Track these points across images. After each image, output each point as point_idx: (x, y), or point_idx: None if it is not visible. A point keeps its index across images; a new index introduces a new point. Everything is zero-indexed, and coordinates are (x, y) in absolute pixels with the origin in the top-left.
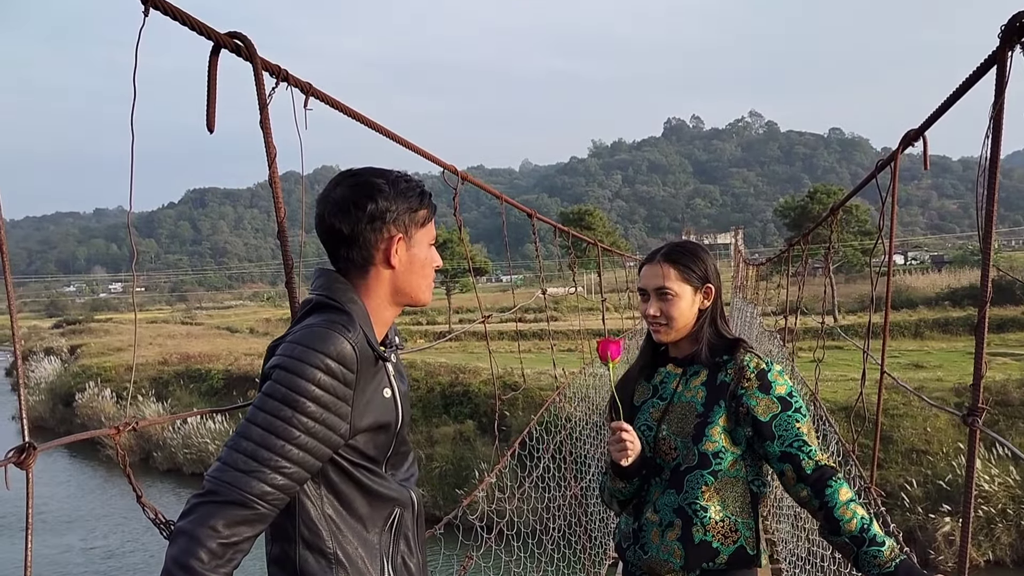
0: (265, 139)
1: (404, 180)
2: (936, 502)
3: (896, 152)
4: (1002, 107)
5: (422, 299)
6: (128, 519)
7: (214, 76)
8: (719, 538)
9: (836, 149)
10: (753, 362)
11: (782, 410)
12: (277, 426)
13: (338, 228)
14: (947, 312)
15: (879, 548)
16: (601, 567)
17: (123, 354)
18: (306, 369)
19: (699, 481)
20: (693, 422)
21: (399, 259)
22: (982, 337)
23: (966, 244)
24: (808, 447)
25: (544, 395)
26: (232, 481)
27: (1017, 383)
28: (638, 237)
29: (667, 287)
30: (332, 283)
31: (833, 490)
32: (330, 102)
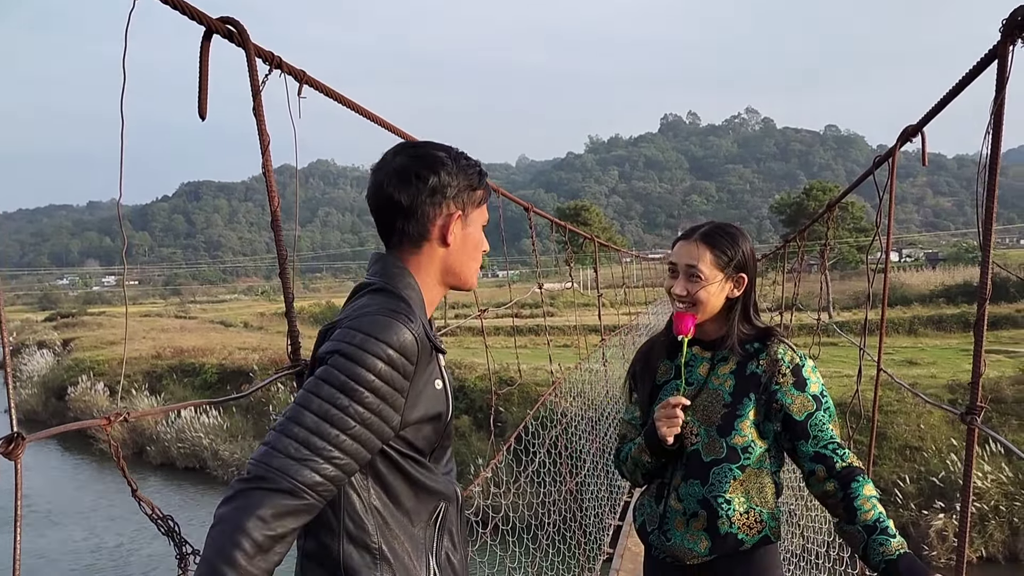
0: (258, 126)
1: (464, 157)
2: (929, 499)
3: (894, 148)
4: (1003, 102)
5: (470, 282)
6: (120, 513)
7: (206, 62)
8: (744, 530)
9: (832, 146)
10: (788, 355)
11: (816, 409)
12: (333, 414)
13: (397, 199)
14: (941, 309)
15: (888, 538)
16: (595, 563)
17: (116, 347)
18: (367, 358)
19: (727, 475)
20: (720, 412)
21: (455, 237)
22: (981, 335)
23: (961, 241)
24: (841, 449)
25: (540, 390)
26: (282, 468)
27: (1011, 380)
28: (634, 233)
29: (698, 267)
30: (389, 268)
31: (859, 484)
32: (324, 90)
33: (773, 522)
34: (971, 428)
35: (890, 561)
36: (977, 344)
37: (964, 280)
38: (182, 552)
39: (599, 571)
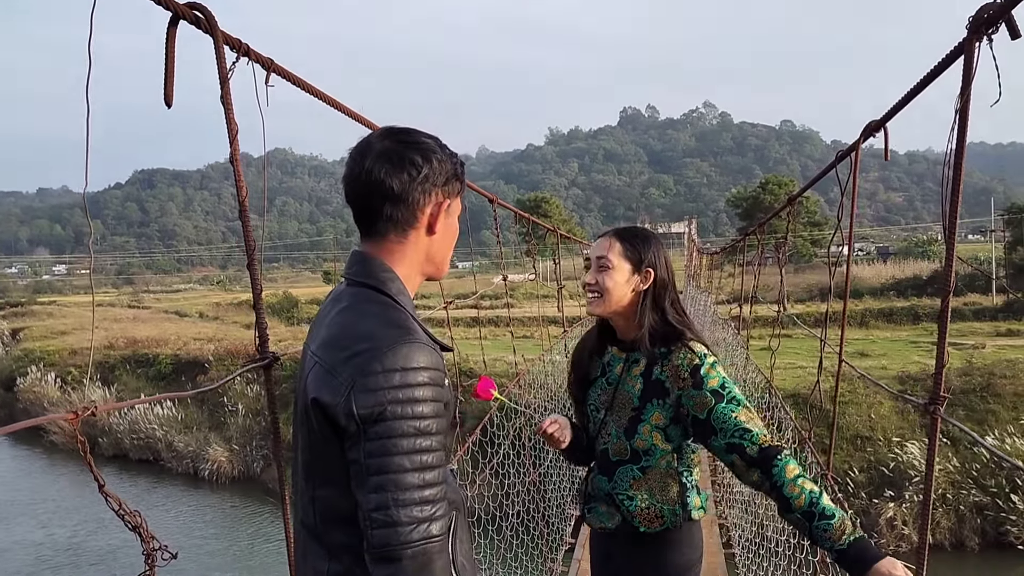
0: (226, 115)
1: (447, 146)
2: (879, 487)
3: (857, 143)
4: (968, 99)
5: (444, 271)
6: (73, 506)
7: (172, 48)
8: (645, 523)
9: (787, 141)
10: (687, 359)
11: (715, 403)
12: (425, 460)
13: (388, 184)
14: (892, 302)
15: (828, 522)
16: (558, 553)
17: (67, 338)
18: (417, 391)
19: (628, 475)
20: (628, 415)
21: (440, 226)
22: (944, 327)
23: (911, 236)
24: (749, 432)
25: (499, 381)
26: (424, 536)
27: (958, 372)
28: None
29: (607, 257)
30: (375, 271)
31: (780, 468)
32: (292, 79)
33: (674, 516)
34: (934, 418)
35: (840, 551)
36: (941, 336)
37: (914, 274)
38: (149, 548)
39: (561, 561)
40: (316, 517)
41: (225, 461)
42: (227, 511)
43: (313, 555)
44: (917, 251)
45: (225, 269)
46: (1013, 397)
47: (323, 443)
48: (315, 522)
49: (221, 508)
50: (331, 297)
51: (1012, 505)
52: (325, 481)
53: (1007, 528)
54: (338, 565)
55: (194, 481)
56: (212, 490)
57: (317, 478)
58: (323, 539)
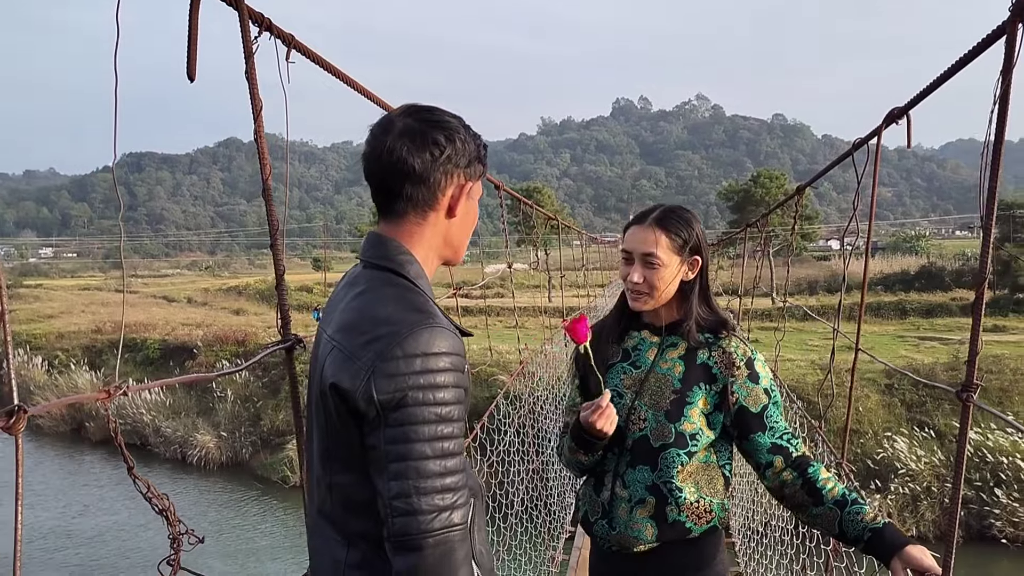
0: (250, 90)
1: (471, 127)
2: (865, 480)
3: (879, 129)
4: (1009, 84)
5: (461, 256)
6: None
7: (195, 21)
8: (693, 518)
9: (779, 135)
10: (740, 349)
11: (769, 401)
12: (446, 447)
13: (410, 163)
14: (879, 297)
15: (862, 506)
16: (559, 541)
17: (54, 321)
18: (438, 376)
19: (675, 460)
20: (669, 397)
21: (460, 209)
22: (979, 314)
23: (900, 231)
24: (795, 439)
25: (491, 371)
26: (445, 525)
27: (945, 366)
28: (584, 216)
29: (656, 254)
30: (393, 253)
31: (815, 468)
32: (312, 56)
33: (723, 512)
34: (966, 405)
35: (875, 529)
36: (975, 323)
37: (902, 269)
38: (175, 532)
39: (562, 548)
40: (334, 505)
41: (213, 447)
42: (215, 497)
43: (331, 543)
44: (905, 246)
45: (214, 255)
46: (999, 392)
47: (341, 429)
48: (332, 509)
49: (209, 494)
50: (346, 280)
51: (996, 499)
52: (343, 468)
53: (990, 522)
54: (356, 553)
55: (182, 467)
56: (200, 476)
57: (335, 465)
58: (341, 527)
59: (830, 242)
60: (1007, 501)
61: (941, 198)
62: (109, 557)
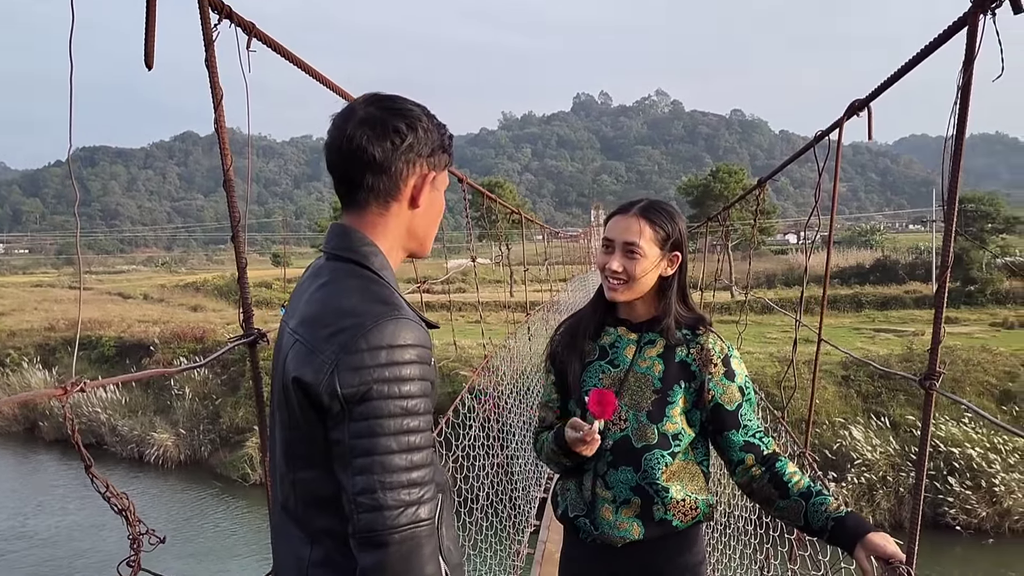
0: (210, 79)
1: (435, 116)
2: (822, 469)
3: (840, 121)
4: (971, 75)
5: (428, 248)
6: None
7: (153, 6)
8: (679, 516)
9: (737, 130)
10: (718, 346)
11: (743, 399)
12: (412, 441)
13: (370, 152)
14: (836, 290)
15: (825, 497)
16: (524, 535)
17: (5, 319)
18: (403, 369)
19: (659, 461)
20: (650, 398)
21: (424, 199)
22: (942, 304)
23: (854, 225)
24: (767, 437)
25: (452, 366)
26: (411, 520)
27: (899, 357)
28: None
29: (638, 244)
30: (356, 244)
31: (783, 463)
32: (273, 45)
33: (707, 508)
34: (929, 393)
35: (838, 518)
36: (937, 312)
37: (857, 262)
38: (135, 532)
39: (527, 542)
40: (297, 501)
41: (171, 445)
42: (174, 496)
43: (294, 540)
44: (860, 240)
45: (170, 250)
46: (951, 383)
47: (304, 424)
48: (296, 506)
49: (168, 493)
50: (310, 272)
51: (949, 487)
52: (307, 464)
53: (944, 509)
54: (320, 550)
55: (139, 465)
56: (158, 474)
57: (298, 461)
58: (304, 523)
59: (788, 236)
60: (960, 489)
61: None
62: (65, 557)
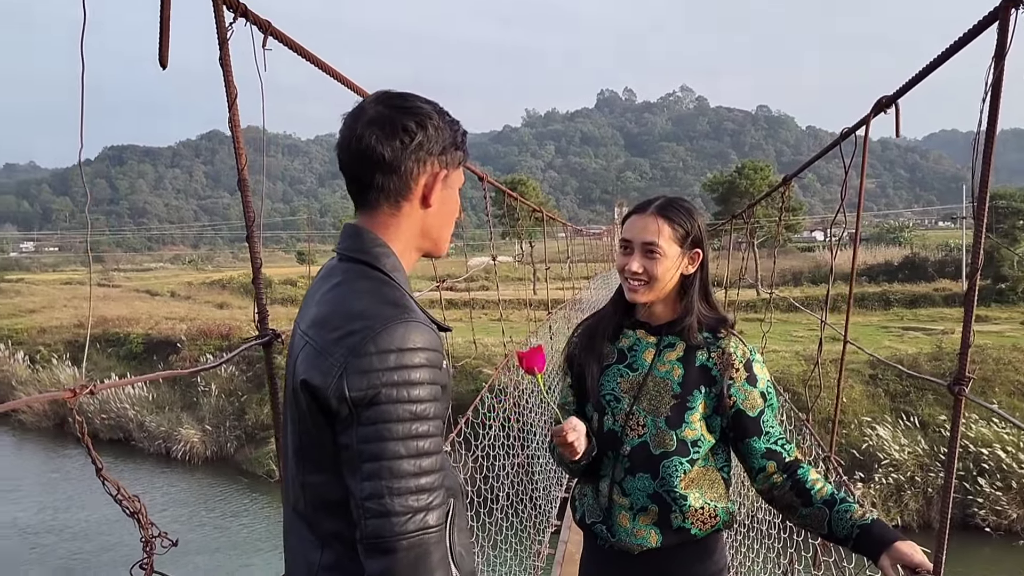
0: (224, 78)
1: (447, 113)
2: (849, 469)
3: (867, 118)
4: (1002, 71)
5: (443, 248)
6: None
7: (167, 6)
8: (698, 524)
9: (763, 126)
10: (740, 350)
11: (766, 405)
12: (421, 446)
13: (379, 152)
14: (863, 288)
15: (850, 505)
16: (544, 535)
17: (36, 316)
18: (413, 373)
19: (677, 468)
20: (669, 403)
21: (436, 198)
22: (971, 307)
23: (882, 222)
24: (788, 444)
25: (475, 364)
26: (419, 526)
27: (928, 356)
28: (569, 208)
29: (657, 243)
30: (368, 245)
31: (805, 470)
32: (290, 44)
33: (727, 516)
34: (958, 398)
35: (863, 526)
36: (967, 315)
37: (885, 260)
38: (148, 535)
39: (548, 542)
40: (307, 504)
41: (198, 441)
42: (200, 492)
43: (305, 543)
44: (888, 237)
45: (197, 248)
46: (981, 382)
47: (313, 427)
48: (306, 508)
49: (195, 488)
50: (322, 273)
51: (979, 488)
52: (316, 467)
53: (974, 510)
54: (330, 554)
55: (166, 461)
56: (185, 470)
57: (308, 463)
58: (314, 527)
59: (814, 233)
60: (990, 491)
61: (924, 189)
62: (94, 552)
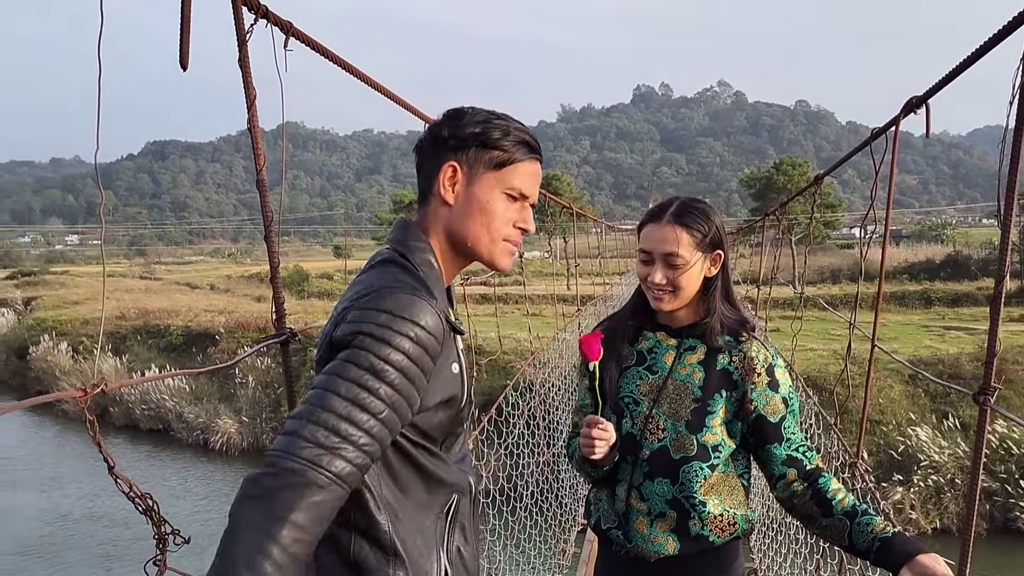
0: (244, 79)
1: (493, 116)
2: (888, 471)
3: (896, 119)
4: None
5: (484, 253)
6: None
7: (188, 8)
8: (717, 532)
9: (802, 121)
10: (762, 354)
11: (787, 411)
12: (363, 398)
13: (417, 156)
14: (904, 286)
15: (872, 517)
16: (570, 534)
17: (79, 308)
18: (395, 337)
19: (697, 474)
20: (690, 407)
21: (455, 195)
22: (997, 314)
23: (924, 220)
24: (810, 451)
25: (507, 359)
26: (313, 459)
27: (970, 357)
28: (604, 204)
29: (678, 253)
30: (408, 238)
31: (826, 479)
32: (312, 45)
33: (746, 524)
34: (983, 408)
35: (884, 539)
36: (992, 323)
37: (927, 257)
38: (161, 532)
39: (574, 541)
40: None
41: (235, 432)
42: (237, 481)
43: None
44: (931, 235)
45: (236, 242)
46: (1020, 385)
47: None
48: None
49: (233, 479)
50: (368, 261)
51: (1021, 491)
52: None
53: (1016, 514)
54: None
55: (204, 452)
56: (223, 461)
57: None
58: None
59: (853, 230)
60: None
61: (968, 186)
62: (133, 539)
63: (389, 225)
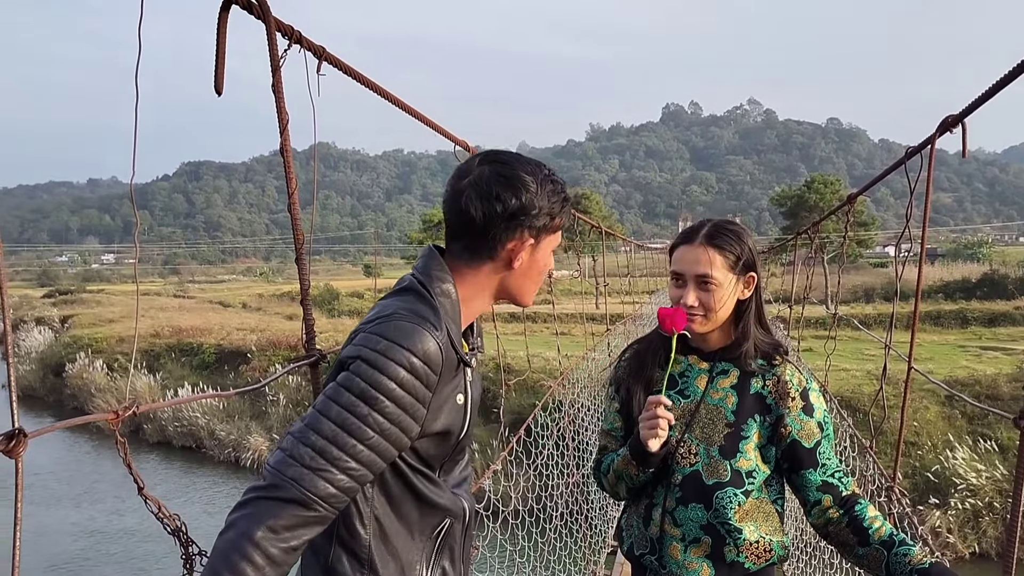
0: (277, 104)
1: (552, 180)
2: (924, 494)
3: (932, 138)
4: None
5: (525, 301)
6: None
7: (223, 34)
8: (752, 559)
9: (833, 139)
10: (796, 378)
11: (823, 436)
12: (351, 423)
13: (472, 215)
14: (939, 305)
15: (910, 547)
16: (600, 555)
17: (115, 326)
18: (389, 365)
19: (732, 500)
20: (723, 432)
21: (522, 262)
22: None
23: (960, 238)
24: (846, 476)
25: (536, 377)
26: (296, 478)
27: (1008, 377)
28: (633, 222)
29: (711, 275)
30: (432, 268)
31: (863, 506)
32: (344, 68)
33: (782, 551)
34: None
35: (921, 569)
36: None
37: (962, 276)
38: (188, 552)
39: (603, 563)
40: None
41: (266, 450)
42: None
43: None
44: (966, 253)
45: (268, 261)
46: None
47: None
48: None
49: None
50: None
51: None
52: None
53: None
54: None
55: (235, 469)
56: (254, 478)
57: None
58: None
59: (887, 249)
60: None
61: (1004, 203)
62: (163, 555)
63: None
